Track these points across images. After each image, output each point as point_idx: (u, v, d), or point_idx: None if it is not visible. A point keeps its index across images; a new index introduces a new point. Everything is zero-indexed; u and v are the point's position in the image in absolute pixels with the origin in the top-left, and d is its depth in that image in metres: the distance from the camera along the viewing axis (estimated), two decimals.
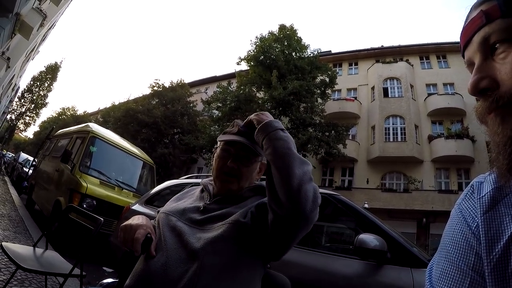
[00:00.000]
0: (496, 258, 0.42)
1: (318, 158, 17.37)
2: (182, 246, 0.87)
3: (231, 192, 1.04)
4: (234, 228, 0.88)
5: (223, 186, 1.04)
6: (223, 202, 1.02)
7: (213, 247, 0.85)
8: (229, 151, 1.05)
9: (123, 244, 0.91)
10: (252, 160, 1.05)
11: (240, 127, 1.06)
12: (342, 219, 2.88)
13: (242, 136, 1.03)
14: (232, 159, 1.03)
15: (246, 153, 1.04)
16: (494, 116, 0.45)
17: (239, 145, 1.03)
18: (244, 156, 1.04)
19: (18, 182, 11.71)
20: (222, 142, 1.07)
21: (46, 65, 36.37)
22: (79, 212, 2.80)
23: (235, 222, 0.89)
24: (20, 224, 5.01)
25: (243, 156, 1.04)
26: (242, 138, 1.02)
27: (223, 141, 1.07)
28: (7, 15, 8.16)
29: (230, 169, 1.02)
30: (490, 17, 0.45)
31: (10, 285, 2.43)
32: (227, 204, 1.00)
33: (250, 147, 1.02)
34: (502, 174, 0.44)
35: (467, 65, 0.51)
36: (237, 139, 1.02)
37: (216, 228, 0.90)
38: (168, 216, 0.99)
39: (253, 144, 1.02)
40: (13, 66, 13.76)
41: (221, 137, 1.07)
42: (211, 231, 0.89)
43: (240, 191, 1.06)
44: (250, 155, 1.04)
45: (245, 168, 1.04)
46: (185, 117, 23.60)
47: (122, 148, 6.18)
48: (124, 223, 0.94)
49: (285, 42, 18.13)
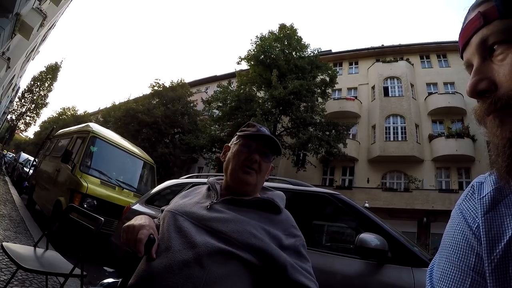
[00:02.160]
0: (497, 259, 0.42)
1: (319, 158, 17.39)
2: (188, 248, 0.84)
3: (247, 187, 1.04)
4: (243, 265, 0.86)
5: (243, 178, 1.03)
6: (231, 204, 1.00)
7: (221, 257, 0.83)
8: (250, 146, 1.06)
9: (126, 245, 0.88)
10: (270, 158, 1.09)
11: (259, 128, 1.10)
12: (342, 218, 2.87)
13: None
14: (254, 152, 1.05)
15: (267, 150, 1.07)
16: (492, 118, 0.45)
17: (261, 142, 1.06)
18: (264, 152, 1.06)
19: (19, 182, 11.71)
20: (243, 137, 1.09)
21: (46, 65, 36.48)
22: (79, 212, 2.80)
23: (245, 261, 0.86)
24: (21, 224, 5.02)
25: (264, 151, 1.06)
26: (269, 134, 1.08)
27: (247, 135, 1.08)
28: (7, 15, 8.16)
29: (253, 162, 1.03)
30: (488, 19, 0.44)
31: (11, 285, 2.43)
32: (234, 207, 0.98)
33: (275, 142, 1.06)
34: (502, 176, 0.44)
35: (466, 66, 0.51)
36: (265, 133, 1.07)
37: (226, 240, 0.86)
38: (175, 215, 0.96)
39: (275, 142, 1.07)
40: (13, 66, 13.78)
41: (244, 132, 1.09)
42: (219, 239, 0.86)
43: (256, 188, 1.06)
44: (270, 152, 1.07)
45: (264, 164, 1.06)
46: (186, 117, 23.61)
47: (122, 148, 6.18)
48: (126, 224, 0.91)
49: (285, 42, 18.14)
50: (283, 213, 1.04)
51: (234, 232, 0.87)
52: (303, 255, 0.95)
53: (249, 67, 19.07)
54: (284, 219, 1.02)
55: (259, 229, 0.91)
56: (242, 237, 0.87)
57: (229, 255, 0.84)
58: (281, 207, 1.04)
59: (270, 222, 0.97)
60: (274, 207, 1.02)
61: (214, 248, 0.83)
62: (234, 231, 0.88)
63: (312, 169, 17.83)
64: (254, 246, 0.86)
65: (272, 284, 0.88)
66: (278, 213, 1.02)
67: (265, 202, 1.02)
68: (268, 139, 1.07)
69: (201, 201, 1.03)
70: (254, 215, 0.97)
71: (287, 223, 1.01)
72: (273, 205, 1.02)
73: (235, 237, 0.86)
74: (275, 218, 1.00)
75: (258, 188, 1.08)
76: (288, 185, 2.76)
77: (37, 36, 15.07)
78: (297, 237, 0.98)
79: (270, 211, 1.02)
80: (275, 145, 1.07)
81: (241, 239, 0.86)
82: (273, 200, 1.03)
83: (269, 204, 1.02)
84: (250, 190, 1.05)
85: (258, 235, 0.89)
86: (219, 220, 0.91)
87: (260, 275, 0.87)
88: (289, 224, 1.01)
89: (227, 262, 0.83)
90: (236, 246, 0.85)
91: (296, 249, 0.94)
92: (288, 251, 0.91)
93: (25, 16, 10.55)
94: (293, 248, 0.94)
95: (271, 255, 0.87)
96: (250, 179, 1.03)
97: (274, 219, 0.99)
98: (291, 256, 0.91)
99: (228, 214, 0.94)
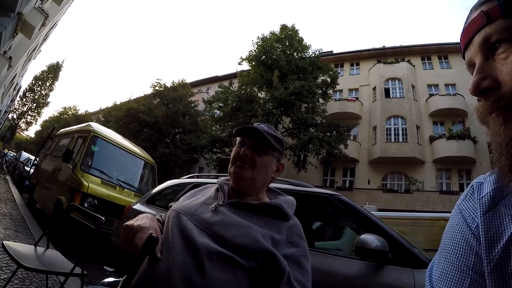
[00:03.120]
0: (496, 259, 0.42)
1: (320, 158, 17.38)
2: (189, 251, 0.83)
3: (243, 181, 1.03)
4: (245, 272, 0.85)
5: (236, 174, 1.03)
6: (236, 207, 0.98)
7: (222, 263, 0.82)
8: (244, 143, 1.06)
9: (125, 245, 0.88)
10: (266, 151, 1.06)
11: (257, 124, 1.09)
12: (343, 219, 2.87)
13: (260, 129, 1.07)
14: (246, 147, 1.04)
15: (261, 144, 1.05)
16: (495, 116, 0.45)
17: (254, 137, 1.05)
18: (258, 146, 1.05)
19: (20, 181, 11.73)
20: (236, 135, 1.10)
21: (48, 65, 36.53)
22: (80, 211, 2.80)
23: (246, 267, 0.85)
24: (22, 223, 5.02)
25: (257, 146, 1.05)
26: (259, 127, 1.06)
27: (237, 131, 1.09)
28: (9, 14, 8.18)
29: (243, 157, 1.02)
30: (491, 18, 0.44)
31: (11, 283, 2.44)
32: (240, 211, 0.97)
33: (266, 137, 1.04)
34: (505, 174, 0.44)
35: (468, 66, 0.51)
36: (256, 127, 1.06)
37: (227, 245, 0.85)
38: (179, 215, 0.95)
39: (270, 136, 1.05)
40: (15, 66, 13.81)
41: (236, 128, 1.09)
42: (221, 244, 0.85)
43: (254, 185, 1.04)
44: (265, 146, 1.05)
45: (258, 157, 1.04)
46: (187, 117, 23.63)
47: (123, 147, 6.19)
48: (126, 223, 0.90)
49: (286, 42, 18.15)
50: (291, 220, 1.01)
51: (235, 237, 0.86)
52: (303, 267, 0.93)
53: (250, 67, 19.09)
54: (290, 227, 0.99)
55: (263, 235, 0.89)
56: (244, 243, 0.85)
57: (230, 260, 0.83)
58: (289, 213, 1.01)
59: (275, 229, 0.94)
60: (282, 213, 1.00)
61: (214, 252, 0.83)
62: (235, 236, 0.86)
63: (312, 170, 17.82)
64: (255, 252, 0.85)
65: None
66: (285, 219, 1.00)
67: (272, 207, 1.00)
68: (257, 132, 1.05)
69: (208, 202, 1.02)
70: (259, 221, 0.95)
71: (293, 231, 0.98)
72: (280, 211, 1.00)
73: (236, 242, 0.85)
74: (282, 224, 0.97)
75: (256, 184, 1.05)
76: (289, 186, 2.77)
77: (38, 36, 15.10)
78: (299, 247, 0.96)
79: (277, 217, 0.99)
80: (267, 138, 1.05)
81: (242, 245, 0.85)
82: (281, 206, 1.00)
83: (276, 210, 1.00)
84: (248, 185, 1.03)
85: (262, 241, 0.87)
86: (221, 224, 0.90)
87: (261, 281, 0.86)
88: (294, 232, 0.98)
89: (227, 267, 0.82)
90: (237, 252, 0.84)
91: (296, 260, 0.92)
92: (288, 260, 0.89)
93: (27, 16, 10.57)
94: (293, 258, 0.91)
95: (272, 262, 0.86)
96: (244, 173, 1.02)
97: (280, 226, 0.97)
98: (290, 266, 0.89)
99: (232, 218, 0.92)
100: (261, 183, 1.06)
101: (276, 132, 1.12)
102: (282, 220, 0.99)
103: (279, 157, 1.11)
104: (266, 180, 1.08)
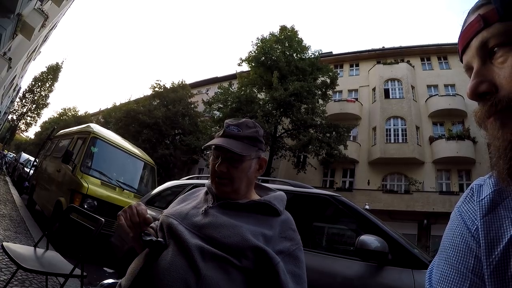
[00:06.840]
0: (495, 261, 0.42)
1: (319, 159, 17.38)
2: (182, 253, 0.85)
3: (228, 194, 1.02)
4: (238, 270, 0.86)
5: (218, 189, 1.03)
6: (226, 208, 0.99)
7: (215, 263, 0.84)
8: (218, 155, 1.03)
9: (130, 222, 0.90)
10: (241, 160, 1.01)
11: (226, 128, 1.04)
12: (343, 220, 2.87)
13: (230, 137, 1.02)
14: (219, 162, 1.01)
15: (233, 154, 0.99)
16: (493, 120, 0.45)
17: (225, 148, 1.00)
18: (231, 157, 1.00)
19: (19, 182, 11.72)
20: (210, 146, 1.06)
21: (47, 66, 36.39)
22: (80, 212, 2.80)
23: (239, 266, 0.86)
24: (21, 224, 5.02)
25: (230, 157, 1.00)
26: (226, 141, 1.01)
27: (212, 146, 1.05)
28: (9, 15, 8.19)
29: (220, 173, 1.01)
30: (488, 21, 0.44)
31: (11, 285, 2.43)
32: (230, 211, 0.97)
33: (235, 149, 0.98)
34: (503, 179, 0.44)
35: (466, 69, 0.51)
36: (219, 143, 1.00)
37: (219, 246, 0.86)
38: (169, 219, 0.97)
39: (240, 143, 1.00)
40: (14, 67, 13.81)
41: (210, 142, 1.05)
42: (213, 245, 0.86)
43: (238, 193, 1.03)
44: (238, 156, 1.00)
45: (234, 170, 1.00)
46: (186, 118, 23.64)
47: (123, 148, 6.19)
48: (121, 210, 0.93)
49: (286, 43, 18.15)
50: (282, 215, 1.01)
51: (226, 237, 0.87)
52: (299, 260, 0.94)
53: (250, 68, 19.08)
54: (282, 221, 0.99)
55: (253, 233, 0.90)
56: (234, 242, 0.86)
57: (223, 260, 0.84)
58: (279, 209, 1.01)
59: (266, 225, 0.95)
60: (271, 209, 1.00)
61: (207, 253, 0.84)
62: (226, 237, 0.87)
63: (312, 171, 17.82)
64: (246, 250, 0.86)
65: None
66: (277, 215, 1.00)
67: (261, 205, 1.00)
68: (228, 144, 0.99)
69: (198, 206, 1.03)
70: (249, 219, 0.95)
71: (286, 225, 0.99)
72: (270, 207, 1.00)
73: (227, 242, 0.86)
74: (273, 220, 0.98)
75: (241, 190, 1.04)
76: (289, 187, 2.76)
77: (38, 37, 15.11)
78: (293, 241, 0.96)
79: (268, 214, 1.00)
80: (238, 147, 0.99)
81: (233, 244, 0.86)
82: (270, 202, 1.00)
83: (266, 206, 1.00)
84: (233, 195, 1.03)
85: (252, 239, 0.87)
86: (211, 226, 0.91)
87: (255, 279, 0.87)
88: (287, 227, 0.99)
89: (221, 268, 0.83)
90: (229, 252, 0.85)
91: (291, 253, 0.93)
92: (283, 255, 0.90)
93: (27, 17, 10.58)
94: (288, 252, 0.92)
95: (263, 259, 0.87)
96: (224, 188, 1.02)
97: (271, 222, 0.97)
98: (286, 260, 0.90)
99: (222, 219, 0.93)
100: (245, 187, 1.05)
101: (250, 129, 1.06)
102: (273, 216, 1.00)
103: (258, 154, 1.07)
104: (250, 182, 1.07)
